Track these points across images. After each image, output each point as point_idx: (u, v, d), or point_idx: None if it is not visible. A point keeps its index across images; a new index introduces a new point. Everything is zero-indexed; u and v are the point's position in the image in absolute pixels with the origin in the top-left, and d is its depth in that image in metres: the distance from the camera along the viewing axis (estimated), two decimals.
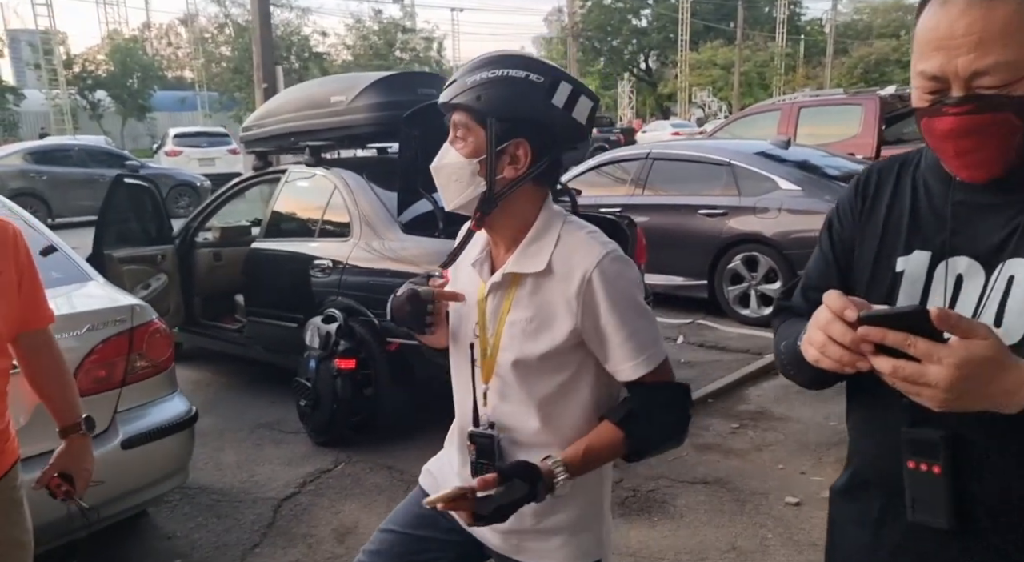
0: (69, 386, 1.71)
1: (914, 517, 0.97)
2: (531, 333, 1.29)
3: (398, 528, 1.48)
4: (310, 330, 3.89)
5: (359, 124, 4.25)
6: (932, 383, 0.80)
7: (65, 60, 32.98)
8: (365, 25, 35.38)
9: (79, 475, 1.68)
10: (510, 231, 1.32)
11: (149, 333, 2.63)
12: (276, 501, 3.21)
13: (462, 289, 1.42)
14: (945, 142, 0.93)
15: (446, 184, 1.30)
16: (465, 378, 1.38)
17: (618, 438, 1.27)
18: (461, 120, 1.26)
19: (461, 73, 1.28)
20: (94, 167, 13.91)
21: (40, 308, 1.64)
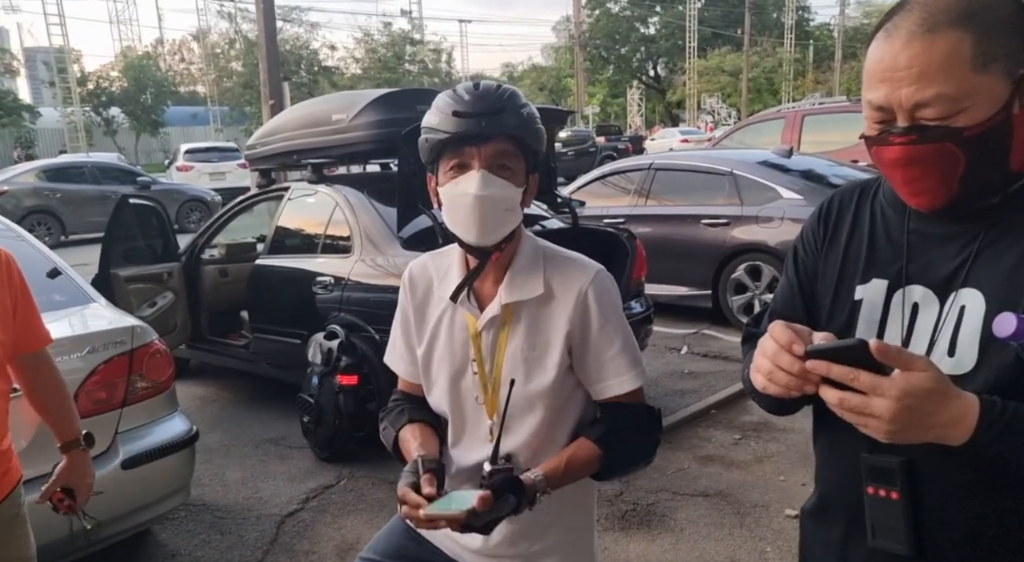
0: (68, 403, 1.76)
1: (874, 542, 0.99)
2: (534, 361, 1.30)
3: (377, 557, 1.46)
4: (313, 346, 3.93)
5: (359, 141, 4.30)
6: (877, 414, 0.81)
7: (79, 77, 33.50)
8: (374, 38, 35.70)
9: (80, 489, 1.73)
10: (505, 261, 1.34)
11: (149, 354, 2.67)
12: (279, 518, 3.24)
13: (435, 323, 1.38)
14: (893, 170, 0.96)
15: (493, 214, 1.25)
16: (468, 414, 1.36)
17: (594, 455, 1.30)
18: (509, 149, 1.26)
19: (492, 102, 1.25)
20: (107, 184, 14.09)
21: (36, 331, 1.68)
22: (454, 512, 1.13)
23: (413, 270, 1.44)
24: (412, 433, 1.39)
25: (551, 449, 1.33)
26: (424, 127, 1.30)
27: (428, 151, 1.30)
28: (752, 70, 40.45)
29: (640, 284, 4.47)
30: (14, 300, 1.60)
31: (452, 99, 1.27)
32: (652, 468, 3.51)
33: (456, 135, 1.24)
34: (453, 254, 1.40)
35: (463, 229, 1.28)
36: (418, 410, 1.44)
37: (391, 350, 1.50)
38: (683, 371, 4.94)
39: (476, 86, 1.29)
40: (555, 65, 49.13)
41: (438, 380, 1.38)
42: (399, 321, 1.47)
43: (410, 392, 1.49)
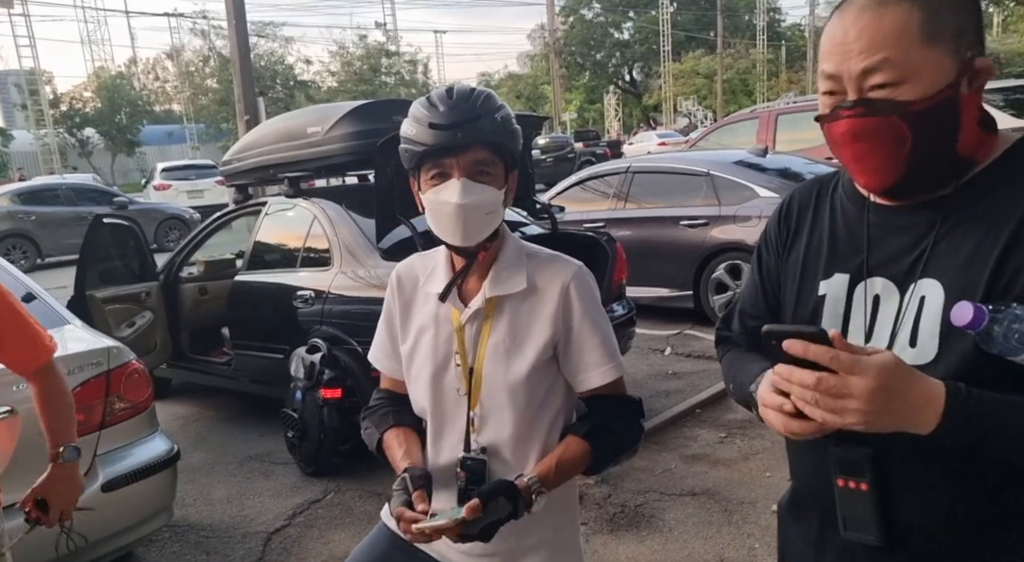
0: (67, 414, 1.72)
1: (847, 534, 0.99)
2: (515, 351, 1.33)
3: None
4: (295, 361, 3.90)
5: (335, 154, 4.29)
6: (855, 394, 0.81)
7: (52, 99, 33.11)
8: (349, 51, 35.65)
9: (55, 502, 1.68)
10: (490, 258, 1.37)
11: (127, 374, 2.64)
12: (266, 534, 3.21)
13: (421, 320, 1.41)
14: (842, 147, 0.97)
15: (475, 219, 1.28)
16: (448, 407, 1.38)
17: (584, 451, 1.33)
18: (486, 156, 1.28)
19: (466, 110, 1.26)
20: (82, 205, 13.94)
21: (34, 347, 1.65)
22: (447, 523, 1.15)
23: (400, 270, 1.48)
24: (396, 439, 1.41)
25: (532, 441, 1.35)
26: (403, 136, 1.31)
27: (408, 160, 1.32)
28: (726, 72, 40.85)
29: (621, 287, 4.48)
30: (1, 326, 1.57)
31: (427, 109, 1.28)
32: (639, 469, 3.52)
33: (432, 147, 1.26)
34: (439, 254, 1.43)
35: (447, 234, 1.31)
36: (401, 413, 1.46)
37: (375, 348, 1.53)
38: (667, 372, 4.96)
39: (450, 93, 1.30)
40: (531, 73, 49.31)
41: (421, 374, 1.40)
42: (384, 320, 1.49)
43: (393, 389, 1.51)
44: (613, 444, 1.37)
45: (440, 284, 1.39)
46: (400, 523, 1.23)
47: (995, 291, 0.89)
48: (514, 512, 1.21)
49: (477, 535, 1.18)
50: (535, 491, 1.24)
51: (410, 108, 1.32)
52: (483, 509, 1.16)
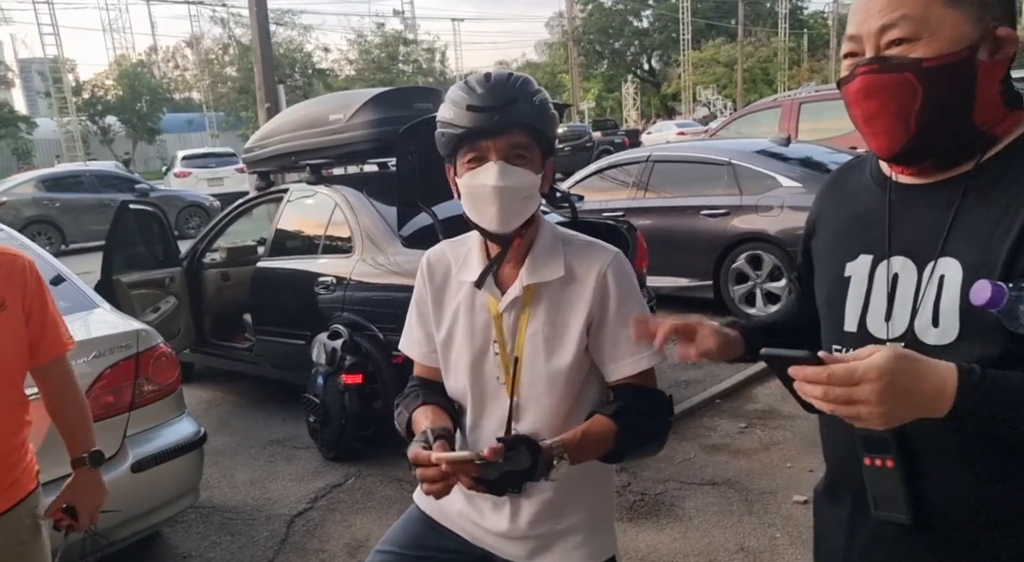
0: (79, 417, 1.73)
1: (877, 514, 1.00)
2: (554, 340, 1.33)
3: (397, 549, 1.46)
4: (316, 346, 3.93)
5: (357, 141, 4.31)
6: (864, 399, 0.81)
7: (74, 87, 33.46)
8: (367, 39, 35.65)
9: (83, 509, 1.70)
10: (525, 245, 1.36)
11: (155, 357, 2.68)
12: (289, 517, 3.25)
13: (455, 308, 1.39)
14: (856, 106, 0.98)
15: (512, 203, 1.27)
16: (487, 395, 1.37)
17: (610, 430, 1.29)
18: (524, 139, 1.28)
19: (504, 93, 1.27)
20: (105, 192, 14.09)
21: (51, 339, 1.66)
22: (465, 454, 1.13)
23: (431, 257, 1.46)
24: (424, 414, 1.39)
25: (569, 429, 1.33)
26: (439, 121, 1.31)
27: (444, 144, 1.32)
28: (747, 61, 40.38)
29: (641, 275, 4.47)
30: (28, 307, 1.60)
31: (465, 93, 1.28)
32: (658, 458, 3.52)
33: (470, 130, 1.26)
34: (471, 240, 1.42)
35: (484, 219, 1.30)
36: (431, 393, 1.45)
37: (406, 336, 1.52)
38: (686, 362, 4.94)
39: (488, 78, 1.30)
40: (549, 61, 49.08)
41: (458, 363, 1.39)
42: (415, 308, 1.48)
43: (427, 377, 1.50)
44: (639, 430, 1.34)
45: (474, 271, 1.37)
46: (416, 468, 1.19)
47: (1014, 269, 0.88)
48: (532, 469, 1.16)
49: (493, 483, 1.14)
50: (557, 455, 1.21)
51: (447, 92, 1.32)
52: (504, 454, 1.13)
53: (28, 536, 1.62)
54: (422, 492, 1.50)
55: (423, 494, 1.49)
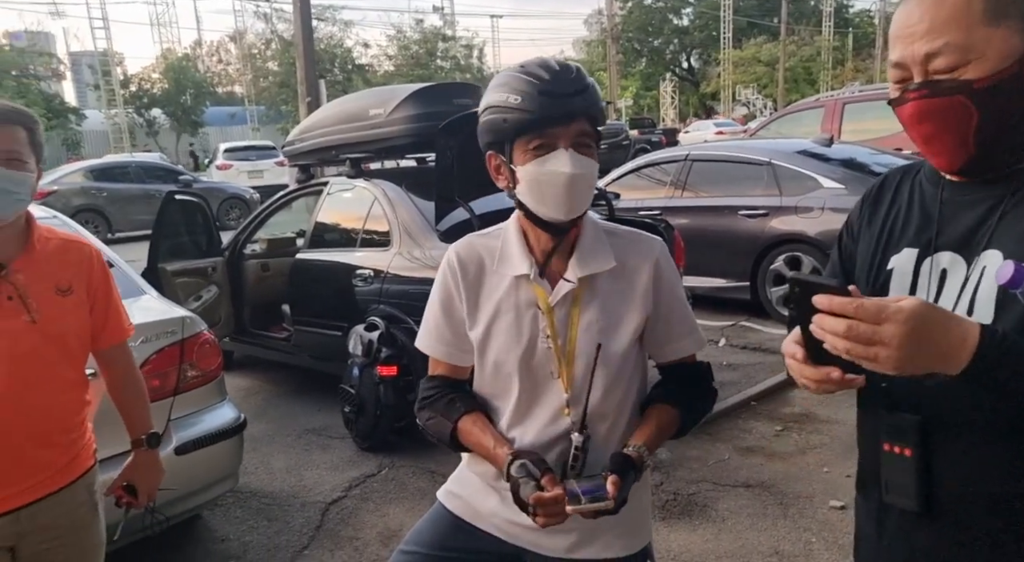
0: (139, 400, 1.82)
1: (887, 498, 1.03)
2: (609, 330, 1.33)
3: (421, 549, 1.45)
4: (353, 338, 3.99)
5: (397, 136, 4.35)
6: (886, 341, 0.81)
7: (122, 80, 34.32)
8: (406, 35, 35.89)
9: (141, 488, 1.79)
10: (573, 236, 1.36)
11: (199, 344, 2.75)
12: (324, 505, 3.31)
13: (496, 303, 1.37)
14: (911, 129, 0.99)
15: (581, 190, 1.28)
16: (539, 389, 1.35)
17: (675, 418, 1.37)
18: (588, 129, 1.29)
19: (574, 81, 1.27)
20: (150, 183, 14.44)
21: (115, 324, 1.75)
22: (599, 505, 1.18)
23: (460, 252, 1.42)
24: (476, 425, 1.37)
25: (623, 416, 1.38)
26: (499, 106, 1.28)
27: (503, 131, 1.28)
28: (789, 59, 39.71)
29: None
30: (93, 294, 1.68)
31: (534, 78, 1.26)
32: (691, 459, 3.50)
33: (543, 116, 1.25)
34: (504, 233, 1.40)
35: (551, 207, 1.28)
36: (467, 399, 1.44)
37: (427, 334, 1.47)
38: (722, 363, 4.90)
39: (550, 64, 1.29)
40: (587, 59, 48.79)
41: (502, 359, 1.36)
42: (440, 304, 1.43)
43: (450, 375, 1.47)
44: (697, 407, 1.42)
45: (518, 264, 1.35)
46: (538, 508, 1.20)
47: None
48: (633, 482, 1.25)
49: (610, 511, 1.19)
50: (646, 459, 1.27)
51: (503, 80, 1.30)
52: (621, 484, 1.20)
53: (85, 510, 1.69)
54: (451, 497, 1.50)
55: (451, 495, 1.50)
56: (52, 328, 1.60)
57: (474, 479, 1.47)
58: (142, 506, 1.82)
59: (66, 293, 1.64)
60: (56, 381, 1.63)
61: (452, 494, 1.51)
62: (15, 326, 1.55)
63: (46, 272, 1.62)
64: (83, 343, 1.69)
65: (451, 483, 1.53)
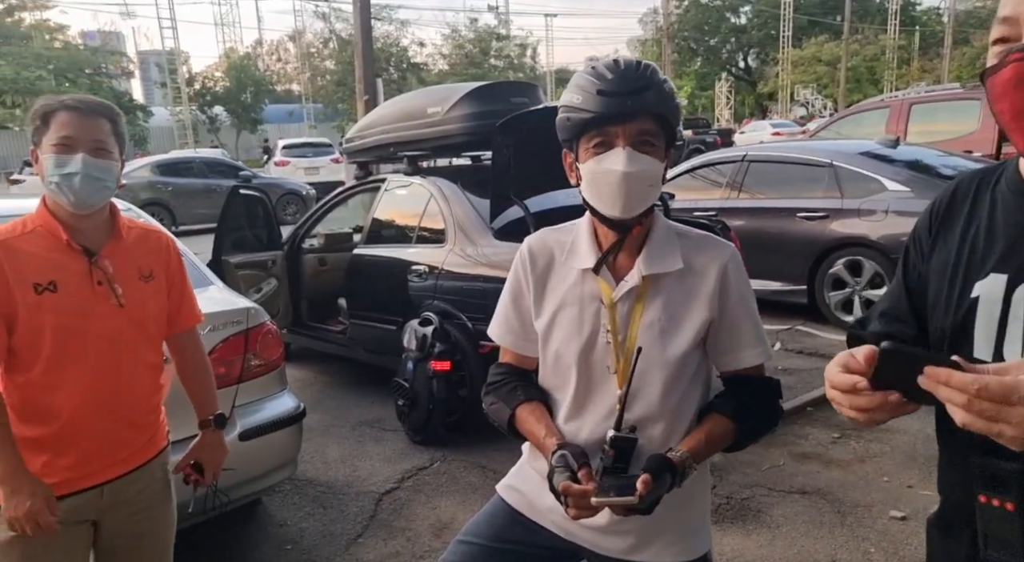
0: (207, 384, 1.91)
1: (987, 555, 0.92)
2: (670, 331, 1.34)
3: (479, 541, 1.48)
4: (408, 332, 4.05)
5: (454, 134, 4.40)
6: (1015, 421, 0.73)
7: (187, 78, 35.47)
8: (461, 34, 36.14)
9: (208, 466, 1.88)
10: (641, 234, 1.37)
11: (262, 334, 2.83)
12: (377, 495, 3.37)
13: (561, 295, 1.39)
14: (1004, 99, 0.86)
15: (637, 189, 1.28)
16: (595, 384, 1.37)
17: (729, 430, 1.34)
18: (652, 128, 1.29)
19: (635, 80, 1.28)
20: (212, 178, 14.90)
21: (188, 310, 1.85)
22: (624, 499, 1.18)
23: (532, 245, 1.46)
24: (532, 414, 1.41)
25: (679, 420, 1.36)
26: (564, 106, 1.32)
27: (569, 129, 1.32)
28: (852, 59, 38.58)
29: None
30: (170, 280, 1.78)
31: (595, 78, 1.29)
32: (745, 463, 3.45)
33: (600, 114, 1.27)
34: (577, 228, 1.43)
35: (607, 204, 1.31)
36: (528, 388, 1.47)
37: (498, 323, 1.51)
38: (777, 367, 4.81)
39: (617, 64, 1.31)
40: (641, 58, 48.38)
41: (563, 351, 1.39)
42: (510, 295, 1.48)
43: (516, 364, 1.51)
44: (756, 424, 1.38)
45: (585, 258, 1.38)
46: (566, 497, 1.23)
47: None
48: (671, 486, 1.23)
49: (642, 509, 1.20)
50: (688, 466, 1.26)
51: (574, 79, 1.33)
52: (653, 484, 1.19)
53: (160, 487, 1.79)
54: (510, 491, 1.52)
55: (510, 489, 1.53)
56: (136, 312, 1.69)
57: (534, 475, 1.48)
58: (207, 484, 1.90)
59: (148, 279, 1.73)
60: (139, 364, 1.72)
61: (511, 488, 1.53)
62: (104, 310, 1.64)
63: (130, 259, 1.71)
64: (160, 328, 1.78)
65: (510, 477, 1.56)
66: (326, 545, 2.97)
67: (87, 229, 1.66)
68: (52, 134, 1.59)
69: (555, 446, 1.32)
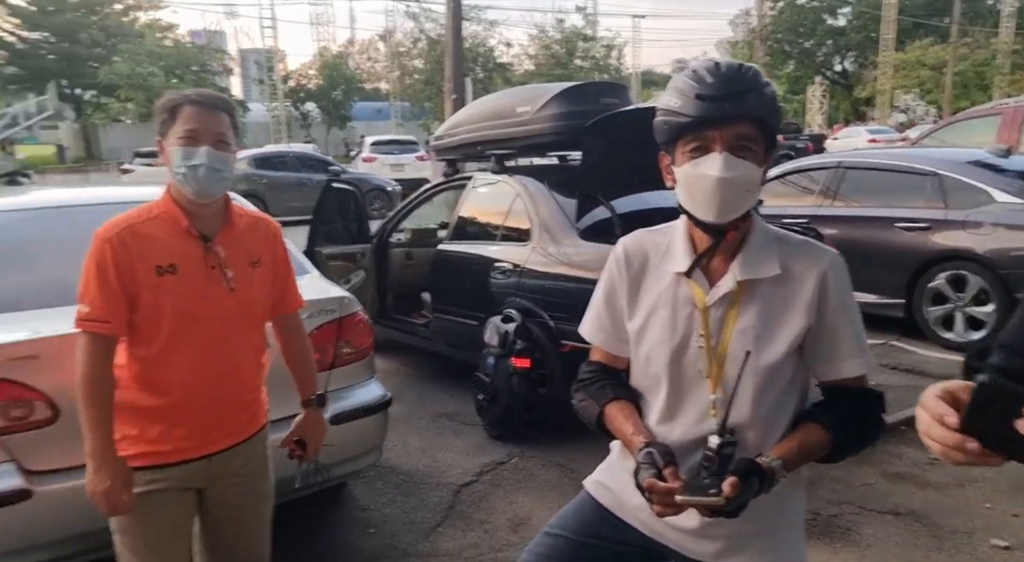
0: (311, 365, 2.02)
1: None
2: (766, 337, 1.32)
3: (568, 534, 1.49)
4: (489, 328, 4.10)
5: (543, 133, 4.42)
6: None
7: (283, 76, 36.95)
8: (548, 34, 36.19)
9: (310, 442, 1.99)
10: (737, 239, 1.36)
11: (354, 323, 2.93)
12: (456, 487, 3.43)
13: (655, 297, 1.40)
14: None
15: (733, 194, 1.27)
16: (687, 387, 1.37)
17: (825, 440, 1.31)
18: (751, 132, 1.28)
19: (735, 83, 1.26)
20: (304, 172, 15.48)
21: (293, 295, 1.96)
22: (709, 499, 1.16)
23: (628, 245, 1.47)
24: (621, 412, 1.42)
25: (774, 427, 1.34)
26: (662, 109, 1.33)
27: (666, 132, 1.33)
28: (959, 63, 36.49)
29: None
30: (276, 267, 1.88)
31: (694, 81, 1.29)
32: (834, 479, 3.33)
33: (697, 118, 1.27)
34: (673, 231, 1.43)
35: (702, 209, 1.31)
36: (618, 386, 1.48)
37: (590, 321, 1.53)
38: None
39: (718, 66, 1.30)
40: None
41: (653, 354, 1.39)
42: (604, 295, 1.49)
43: (607, 363, 1.52)
44: (854, 437, 1.34)
45: (681, 262, 1.37)
46: (651, 495, 1.24)
47: None
48: (758, 491, 1.21)
49: (727, 512, 1.19)
50: (778, 472, 1.24)
51: (672, 82, 1.34)
52: (740, 486, 1.17)
53: (261, 462, 1.91)
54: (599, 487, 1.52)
55: (599, 485, 1.53)
56: (245, 296, 1.79)
57: (623, 472, 1.48)
58: (310, 459, 2.01)
59: (256, 265, 1.83)
60: (245, 345, 1.82)
61: (600, 484, 1.54)
62: (217, 293, 1.74)
63: (241, 245, 1.81)
64: (265, 311, 1.88)
65: (600, 473, 1.56)
66: (407, 532, 3.04)
67: (205, 216, 1.76)
68: (178, 127, 1.70)
69: (642, 444, 1.32)
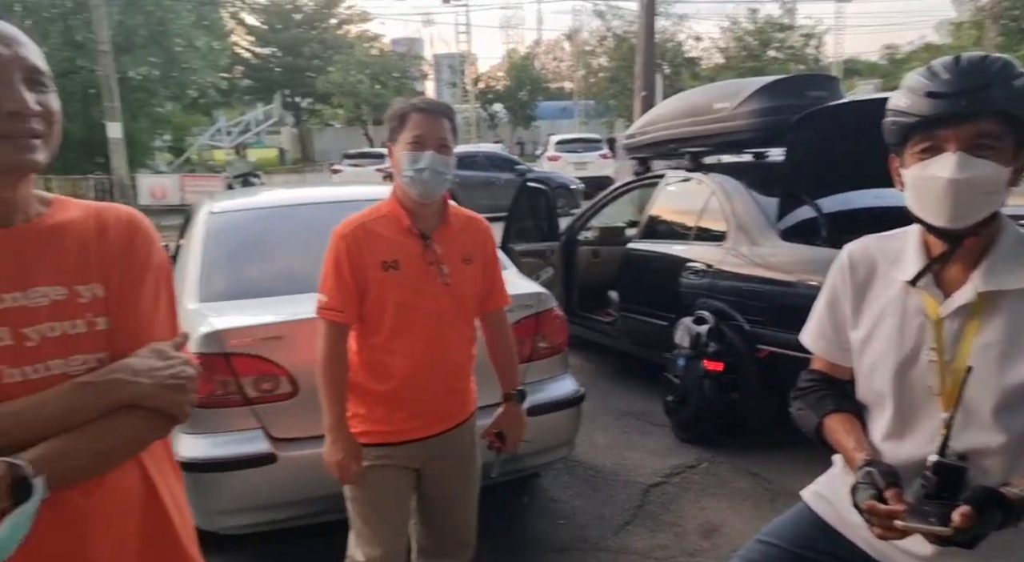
0: (512, 360, 2.12)
1: None
2: (1015, 355, 1.21)
3: (781, 543, 1.45)
4: (681, 329, 4.03)
5: (743, 130, 4.27)
6: None
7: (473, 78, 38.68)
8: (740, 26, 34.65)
9: (509, 436, 2.09)
10: (981, 246, 1.26)
11: (550, 318, 3.02)
12: (644, 486, 3.43)
13: (881, 307, 1.33)
14: None
15: (967, 197, 1.18)
16: (916, 404, 1.29)
17: None
18: (994, 129, 1.18)
19: (974, 77, 1.18)
20: (492, 171, 16.10)
21: (498, 291, 2.07)
22: (933, 528, 1.09)
23: (853, 252, 1.41)
24: (842, 425, 1.36)
25: (1019, 457, 1.22)
26: (892, 109, 1.27)
27: (894, 134, 1.27)
28: None
29: None
30: (486, 264, 2.00)
31: (927, 78, 1.22)
32: None
33: (927, 118, 1.19)
34: (905, 237, 1.35)
35: (931, 213, 1.23)
36: (840, 398, 1.42)
37: (811, 329, 1.49)
38: None
39: (956, 61, 1.21)
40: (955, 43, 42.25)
41: (879, 366, 1.33)
42: (827, 302, 1.45)
43: (828, 372, 1.47)
44: None
45: (908, 269, 1.30)
46: (871, 517, 1.17)
47: None
48: (1002, 525, 1.10)
49: (961, 542, 1.09)
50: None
51: (905, 80, 1.27)
52: (975, 517, 1.07)
53: (470, 446, 2.04)
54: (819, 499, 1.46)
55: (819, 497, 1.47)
56: (458, 291, 1.92)
57: (845, 487, 1.39)
58: (509, 451, 2.11)
59: (468, 262, 1.96)
60: (459, 336, 1.95)
61: (820, 496, 1.48)
62: (433, 287, 1.89)
63: (456, 243, 1.95)
64: (475, 306, 2.01)
65: (820, 486, 1.51)
66: (596, 526, 3.09)
67: (425, 216, 1.92)
68: (407, 133, 1.87)
69: (863, 462, 1.26)
